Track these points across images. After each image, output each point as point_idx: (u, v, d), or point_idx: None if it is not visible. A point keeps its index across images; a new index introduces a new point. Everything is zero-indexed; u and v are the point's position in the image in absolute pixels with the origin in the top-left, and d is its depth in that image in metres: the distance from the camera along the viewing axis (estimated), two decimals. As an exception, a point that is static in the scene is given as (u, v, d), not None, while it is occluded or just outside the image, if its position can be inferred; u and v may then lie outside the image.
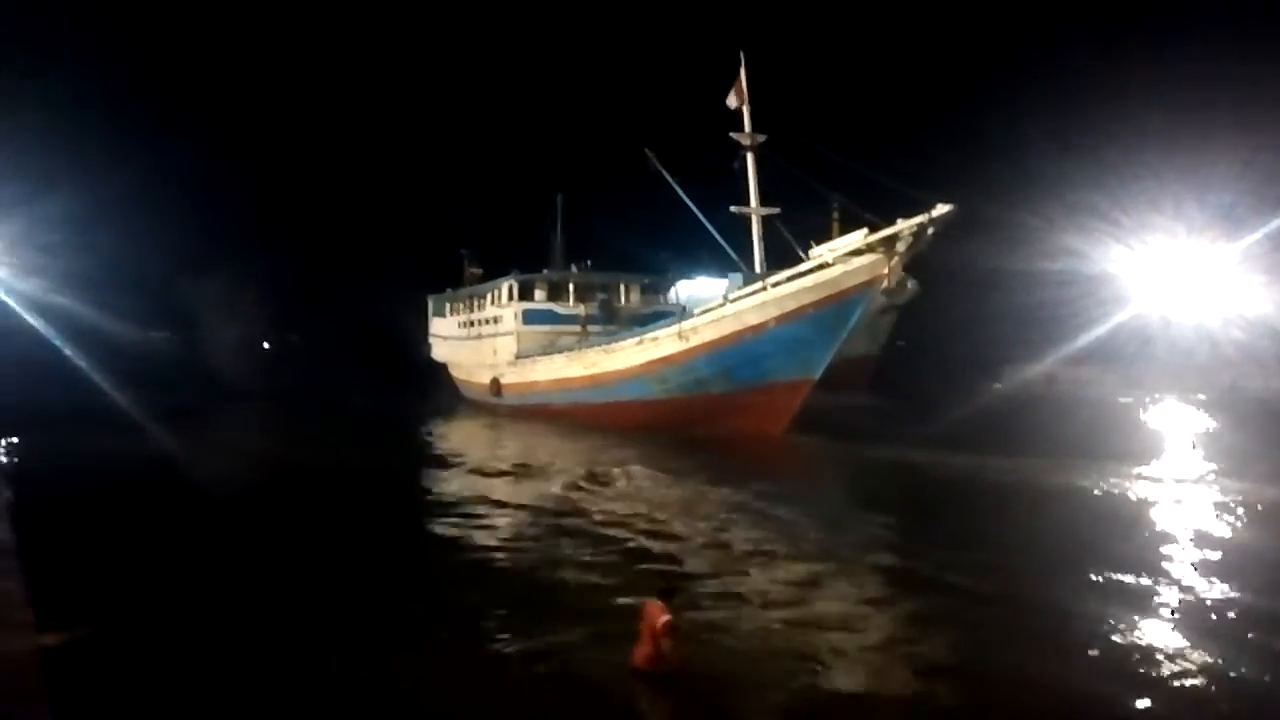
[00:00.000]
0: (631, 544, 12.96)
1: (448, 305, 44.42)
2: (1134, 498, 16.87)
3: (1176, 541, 13.22)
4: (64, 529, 12.50)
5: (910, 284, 61.43)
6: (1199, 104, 50.18)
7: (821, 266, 24.36)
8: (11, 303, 31.76)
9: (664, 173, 29.93)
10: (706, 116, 29.24)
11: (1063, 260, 45.65)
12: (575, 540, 13.30)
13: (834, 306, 24.44)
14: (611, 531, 13.75)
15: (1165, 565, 11.70)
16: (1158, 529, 14.33)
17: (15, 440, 21.50)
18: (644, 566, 11.55)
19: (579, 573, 11.43)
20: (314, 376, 61.15)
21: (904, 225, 22.67)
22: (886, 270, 23.35)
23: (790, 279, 25.15)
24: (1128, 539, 13.36)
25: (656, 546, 12.86)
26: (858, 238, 23.61)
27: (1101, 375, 53.53)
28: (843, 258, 23.91)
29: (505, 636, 8.93)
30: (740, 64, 28.71)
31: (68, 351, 35.92)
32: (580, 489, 17.99)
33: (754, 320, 25.77)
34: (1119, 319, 42.05)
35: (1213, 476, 19.35)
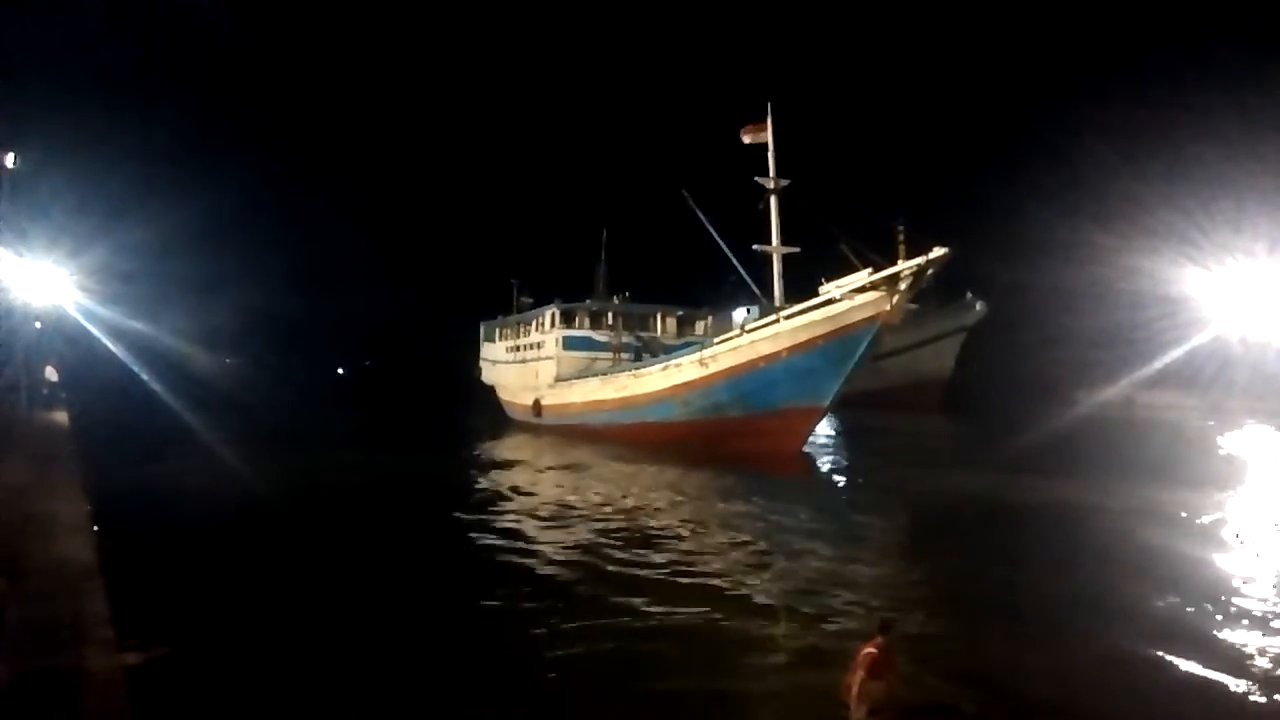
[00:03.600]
0: (733, 592, 12.16)
1: (497, 331, 46.35)
2: (1210, 526, 16.27)
3: (1250, 574, 12.71)
4: (144, 548, 12.64)
5: (978, 305, 60.33)
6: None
7: (830, 302, 24.86)
8: (93, 329, 34.00)
9: (698, 212, 31.26)
10: (742, 160, 30.35)
11: (1138, 281, 44.22)
12: (628, 552, 13.83)
13: (841, 339, 24.94)
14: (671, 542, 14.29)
15: (1236, 599, 11.30)
16: (1231, 559, 13.82)
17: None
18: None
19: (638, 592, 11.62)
20: (384, 397, 63.56)
21: (904, 265, 23.37)
22: (890, 307, 23.76)
23: (800, 312, 25.83)
24: (1199, 570, 12.95)
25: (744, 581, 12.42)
26: (862, 275, 24.07)
27: (1180, 399, 51.44)
28: (848, 294, 24.36)
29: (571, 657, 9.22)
30: (768, 113, 29.64)
31: (144, 376, 38.35)
32: (625, 508, 18.37)
33: (768, 350, 26.52)
34: (1197, 341, 40.43)
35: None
